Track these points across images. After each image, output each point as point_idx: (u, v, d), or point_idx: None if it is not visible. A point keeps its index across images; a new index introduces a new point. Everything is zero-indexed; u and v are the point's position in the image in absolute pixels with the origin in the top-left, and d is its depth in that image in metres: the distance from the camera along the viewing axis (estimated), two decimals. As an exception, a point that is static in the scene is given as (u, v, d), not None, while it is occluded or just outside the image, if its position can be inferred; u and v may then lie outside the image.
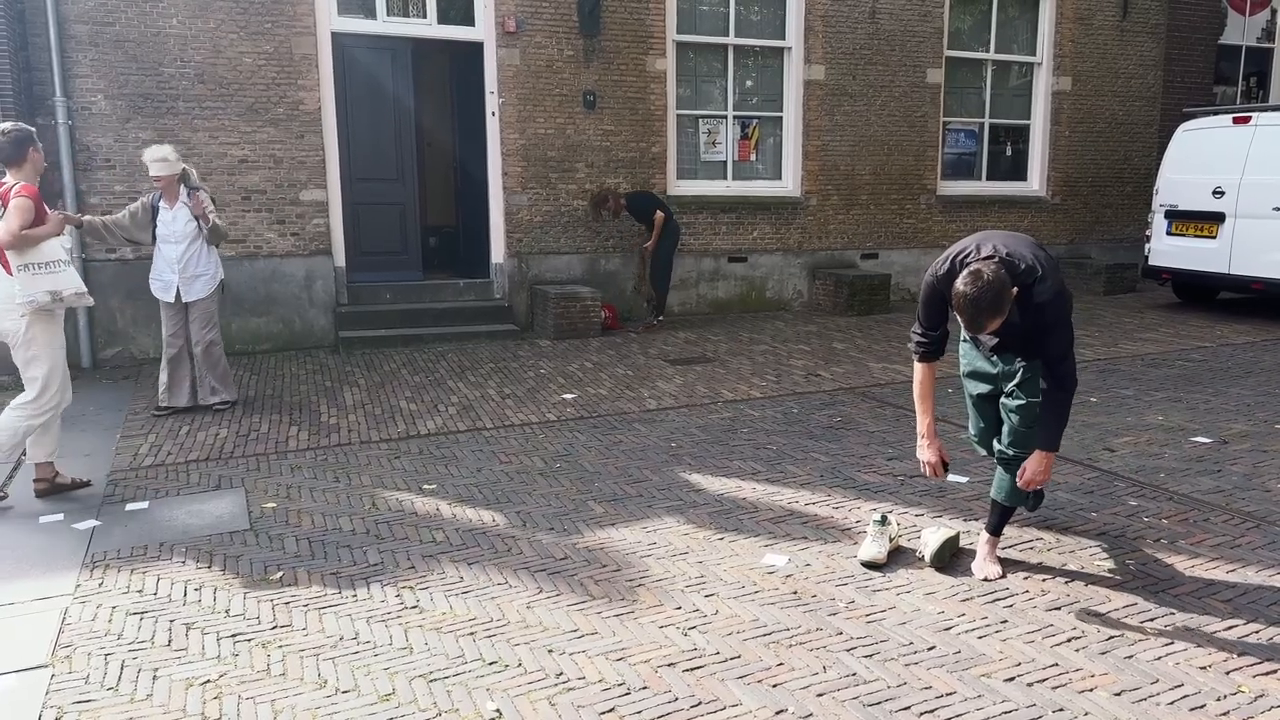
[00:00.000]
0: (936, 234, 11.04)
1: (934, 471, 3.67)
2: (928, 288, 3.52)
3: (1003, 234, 3.48)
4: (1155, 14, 11.83)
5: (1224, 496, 4.50)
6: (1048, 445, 3.43)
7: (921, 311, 3.59)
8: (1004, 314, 3.18)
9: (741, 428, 5.81)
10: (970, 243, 3.43)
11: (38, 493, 4.70)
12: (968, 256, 3.35)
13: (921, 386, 3.68)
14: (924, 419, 3.67)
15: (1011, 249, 3.32)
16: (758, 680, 2.94)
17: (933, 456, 3.65)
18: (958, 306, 3.19)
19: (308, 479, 4.93)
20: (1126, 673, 2.97)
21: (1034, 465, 3.45)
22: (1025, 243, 3.41)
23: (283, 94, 8.19)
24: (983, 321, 3.17)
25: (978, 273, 3.13)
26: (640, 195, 9.17)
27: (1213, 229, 9.40)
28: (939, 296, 3.48)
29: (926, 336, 3.61)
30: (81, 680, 3.00)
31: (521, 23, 8.86)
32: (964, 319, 3.21)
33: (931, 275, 3.48)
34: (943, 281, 3.42)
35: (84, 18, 7.57)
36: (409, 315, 8.72)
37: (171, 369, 6.23)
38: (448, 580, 3.69)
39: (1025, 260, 3.29)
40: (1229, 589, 3.54)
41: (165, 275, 6.14)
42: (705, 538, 4.08)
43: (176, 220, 6.07)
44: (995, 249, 3.31)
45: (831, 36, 10.13)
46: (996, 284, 3.11)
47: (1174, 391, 6.57)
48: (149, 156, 5.97)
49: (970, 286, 3.12)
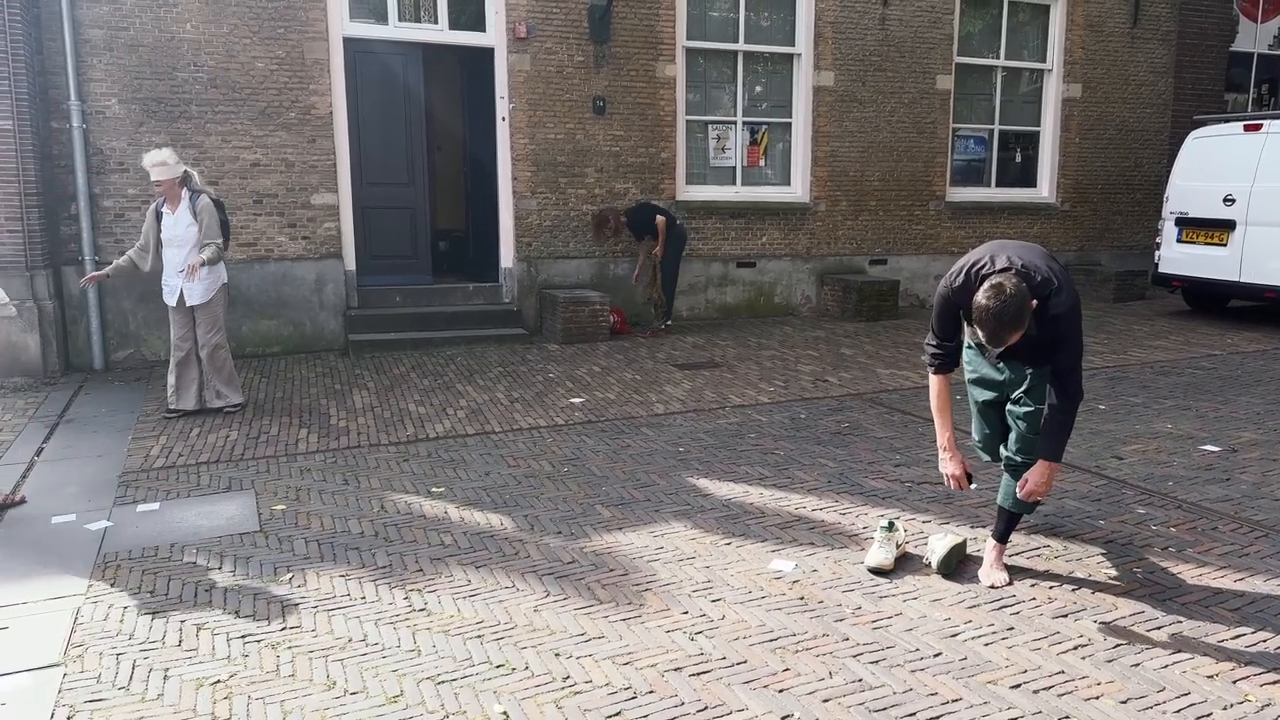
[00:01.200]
0: (945, 240, 11.04)
1: (958, 484, 3.67)
2: (941, 299, 3.50)
3: (1015, 244, 3.46)
4: (1166, 21, 11.81)
5: (1232, 505, 4.49)
6: (1051, 456, 3.43)
7: (935, 323, 3.58)
8: (1024, 327, 3.16)
9: (749, 433, 5.82)
10: (984, 254, 3.41)
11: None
12: (983, 268, 3.33)
13: (939, 399, 3.67)
14: (943, 432, 3.66)
15: (1026, 260, 3.30)
16: (764, 685, 2.95)
17: (956, 469, 3.65)
18: (979, 320, 3.16)
19: (317, 481, 4.96)
20: (1133, 681, 2.97)
21: (1036, 476, 3.44)
22: (1038, 253, 3.40)
23: (295, 98, 8.24)
24: (1004, 335, 3.15)
25: (999, 286, 3.12)
26: (639, 209, 9.13)
27: (1223, 236, 9.37)
28: (953, 308, 3.47)
29: (941, 348, 3.59)
30: (93, 679, 3.03)
31: (532, 28, 8.90)
32: (985, 333, 3.17)
33: (946, 287, 3.47)
34: (958, 293, 3.40)
35: (99, 22, 7.64)
36: (418, 319, 8.75)
37: (179, 372, 6.25)
38: (456, 583, 3.71)
39: (1041, 272, 3.28)
40: (1236, 598, 3.53)
41: (170, 280, 6.14)
42: (712, 542, 4.09)
43: (178, 224, 6.03)
44: (1011, 260, 3.28)
45: (841, 43, 10.14)
46: (1018, 298, 3.09)
47: (1183, 399, 6.55)
48: (148, 161, 5.94)
49: (992, 300, 3.10)
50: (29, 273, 7.40)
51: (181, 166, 6.04)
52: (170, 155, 5.98)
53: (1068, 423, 3.41)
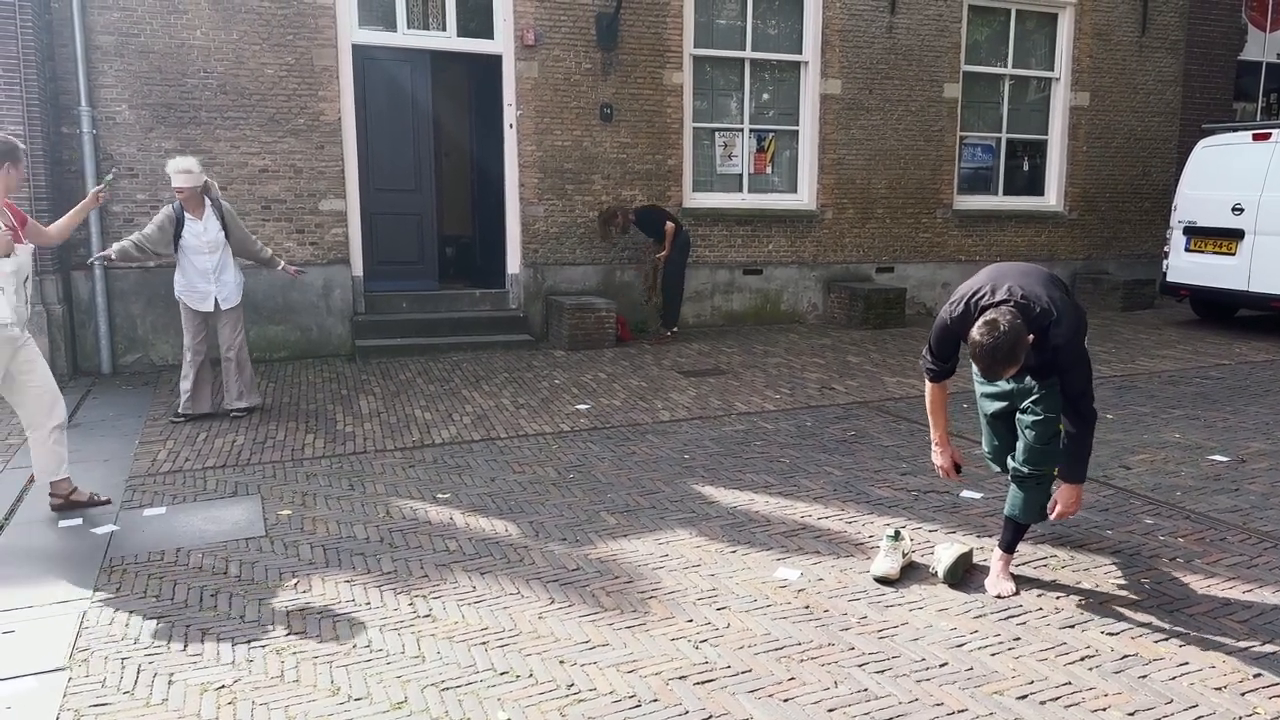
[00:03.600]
0: (953, 248, 11.03)
1: (947, 474, 3.81)
2: (941, 327, 3.54)
3: (1017, 270, 3.47)
4: (1174, 29, 11.79)
5: (1241, 516, 4.47)
6: (1076, 479, 3.51)
7: (935, 345, 3.62)
8: (1020, 363, 3.19)
9: (755, 440, 5.81)
10: (984, 282, 3.42)
11: None
12: (982, 298, 3.35)
13: (934, 403, 3.78)
14: (936, 430, 3.80)
15: (1026, 289, 3.31)
16: (769, 694, 2.94)
17: (944, 461, 3.78)
18: (973, 355, 3.21)
19: (323, 486, 4.97)
20: (1141, 692, 2.95)
21: (1065, 498, 3.52)
22: (1039, 279, 3.40)
23: (303, 105, 8.27)
24: (999, 371, 3.20)
25: (994, 323, 3.13)
26: (649, 210, 9.20)
27: (1232, 246, 9.34)
28: (953, 336, 3.50)
29: (937, 365, 3.67)
30: (98, 683, 3.03)
31: (540, 36, 8.93)
32: (979, 367, 3.22)
33: (946, 315, 3.50)
34: (957, 323, 3.44)
35: (110, 29, 7.69)
36: (425, 324, 8.77)
37: (196, 377, 6.29)
38: (460, 589, 3.71)
39: (1040, 302, 3.28)
40: (1245, 609, 3.51)
41: (200, 286, 6.18)
42: (717, 550, 4.08)
43: (207, 231, 6.13)
44: (1010, 291, 3.30)
45: (848, 51, 10.15)
46: (1012, 334, 3.11)
47: (1191, 409, 6.52)
48: (173, 168, 5.98)
49: (986, 336, 3.13)
50: (38, 277, 7.43)
51: (204, 175, 6.11)
52: (195, 164, 6.03)
53: (1086, 444, 3.47)
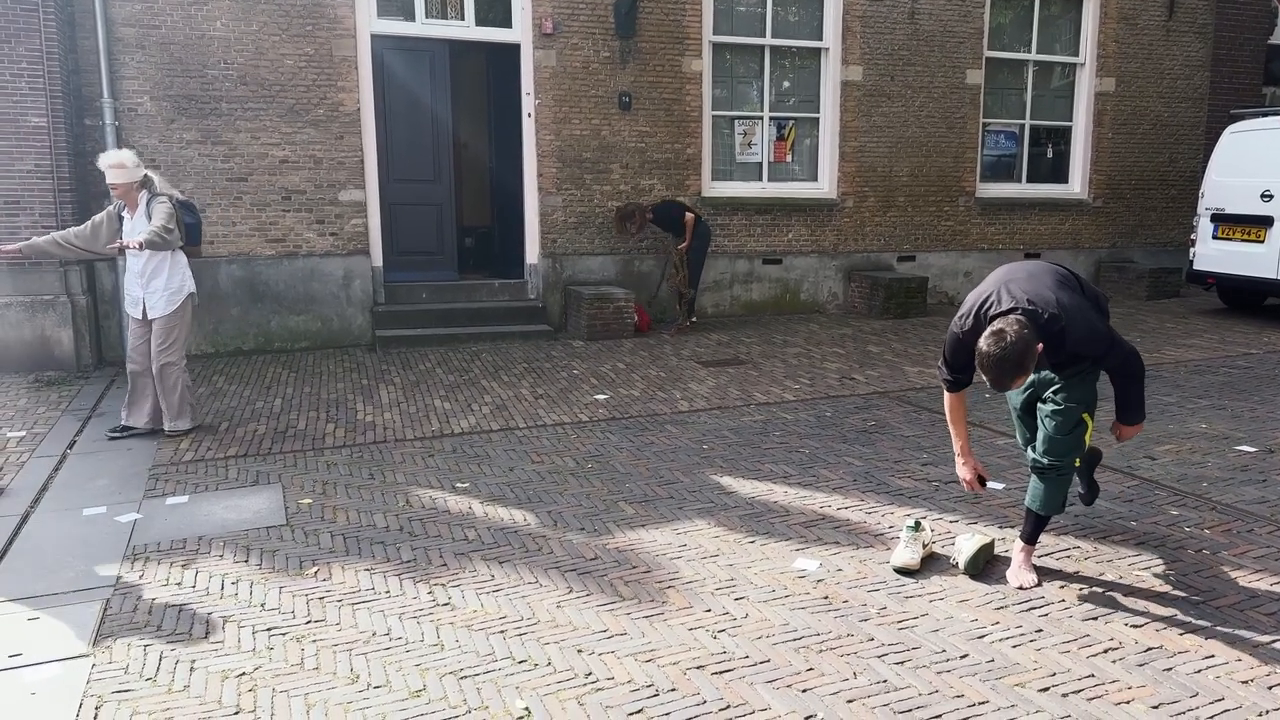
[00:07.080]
0: (975, 237, 10.92)
1: (970, 486, 3.76)
2: (953, 339, 3.51)
3: (1026, 272, 3.42)
4: (1202, 14, 11.59)
5: (1269, 507, 4.40)
6: (1133, 421, 3.57)
7: (949, 356, 3.59)
8: (1029, 373, 3.18)
9: (774, 430, 5.78)
10: (993, 289, 3.39)
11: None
12: (990, 307, 3.33)
13: (953, 413, 3.76)
14: (958, 441, 3.76)
15: (1034, 294, 3.27)
16: (787, 685, 2.93)
17: (969, 474, 3.74)
18: (981, 366, 3.19)
19: (343, 476, 5.00)
20: (1165, 685, 2.91)
21: (1125, 433, 3.62)
22: (1049, 281, 3.35)
23: (323, 95, 8.30)
24: (1006, 382, 3.18)
25: (1000, 333, 3.11)
26: (666, 205, 9.15)
27: (1260, 233, 9.19)
28: (965, 348, 3.45)
29: (953, 375, 3.65)
30: (121, 670, 3.06)
31: (559, 24, 8.90)
32: (988, 379, 3.19)
33: (957, 328, 3.47)
34: (968, 335, 3.40)
35: (131, 21, 7.73)
36: (444, 315, 8.79)
37: (133, 386, 5.77)
38: (479, 578, 3.71)
39: (1049, 307, 3.24)
40: (1273, 601, 3.45)
41: (132, 289, 5.68)
42: (736, 540, 4.07)
43: (135, 230, 5.51)
44: (1017, 298, 3.27)
45: (869, 37, 10.05)
46: (1019, 345, 3.08)
47: (1218, 399, 6.43)
48: (104, 162, 5.45)
49: (994, 348, 3.11)
50: (63, 268, 7.52)
51: (141, 170, 5.53)
52: (130, 158, 5.49)
53: (1141, 391, 3.52)
